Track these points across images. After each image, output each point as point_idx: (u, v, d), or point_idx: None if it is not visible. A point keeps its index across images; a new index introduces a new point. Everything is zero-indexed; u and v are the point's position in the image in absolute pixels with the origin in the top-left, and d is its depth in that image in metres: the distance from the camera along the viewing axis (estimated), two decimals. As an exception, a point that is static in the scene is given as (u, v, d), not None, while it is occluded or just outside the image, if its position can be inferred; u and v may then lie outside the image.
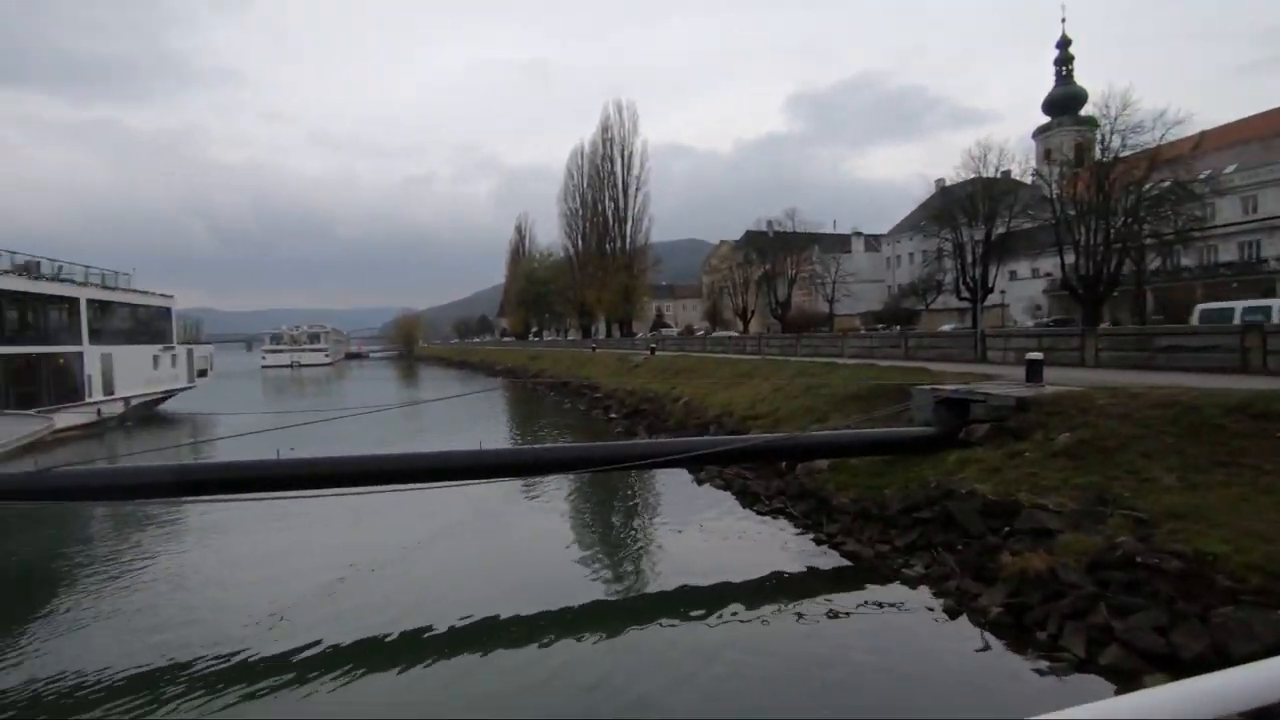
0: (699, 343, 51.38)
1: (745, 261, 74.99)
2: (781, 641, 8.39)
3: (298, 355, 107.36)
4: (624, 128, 71.99)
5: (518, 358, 79.64)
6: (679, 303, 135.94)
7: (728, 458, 13.46)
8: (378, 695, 7.23)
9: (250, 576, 10.95)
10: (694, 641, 8.37)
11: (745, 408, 21.79)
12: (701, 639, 8.43)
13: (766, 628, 8.67)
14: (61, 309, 31.12)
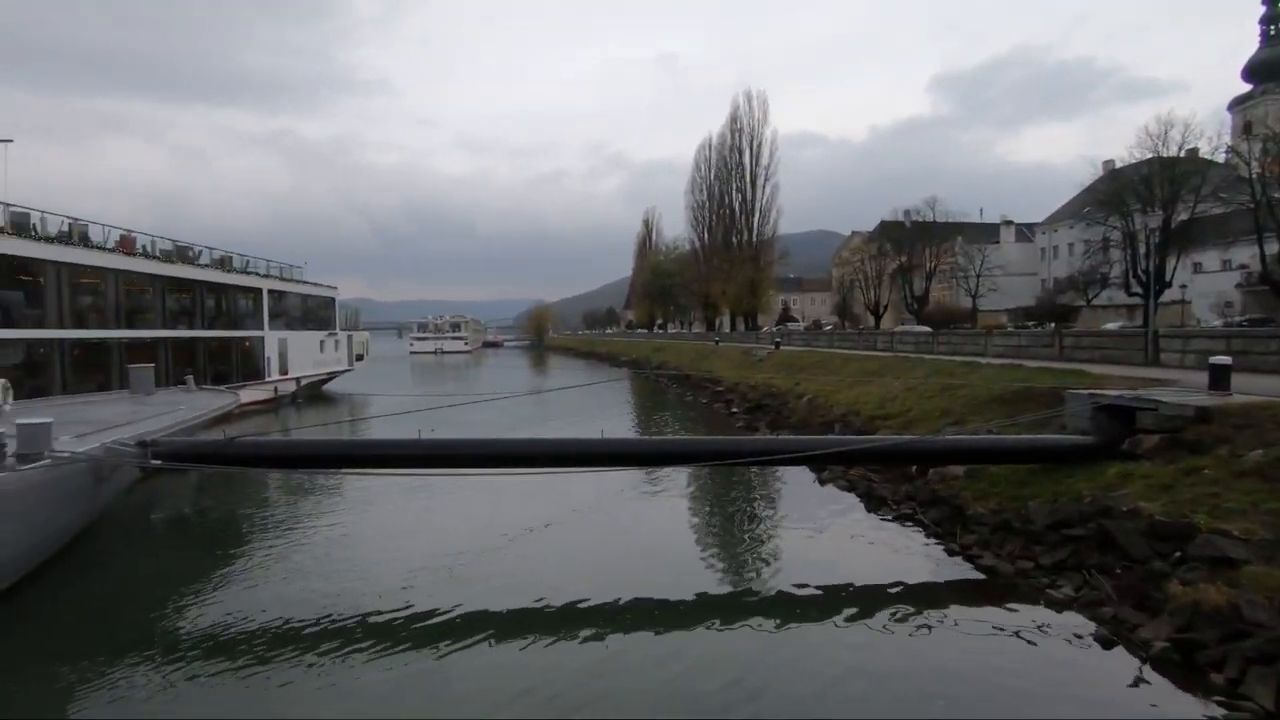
0: (826, 338, 49.69)
1: (879, 253, 71.40)
2: (905, 653, 7.96)
3: (441, 343, 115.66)
4: (754, 118, 70.84)
5: (642, 349, 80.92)
6: (806, 296, 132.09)
7: (853, 458, 12.94)
8: (489, 668, 7.64)
9: (390, 545, 11.93)
10: (808, 644, 8.15)
11: (874, 407, 20.83)
12: (816, 642, 8.18)
13: (888, 637, 8.26)
14: (248, 298, 35.44)
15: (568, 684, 7.23)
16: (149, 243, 29.54)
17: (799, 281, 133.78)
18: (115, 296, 26.08)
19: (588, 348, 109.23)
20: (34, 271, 22.46)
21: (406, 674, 7.40)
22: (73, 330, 23.71)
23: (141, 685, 7.11)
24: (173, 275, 29.71)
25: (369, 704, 6.87)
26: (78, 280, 24.30)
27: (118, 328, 25.91)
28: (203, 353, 30.60)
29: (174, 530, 14.13)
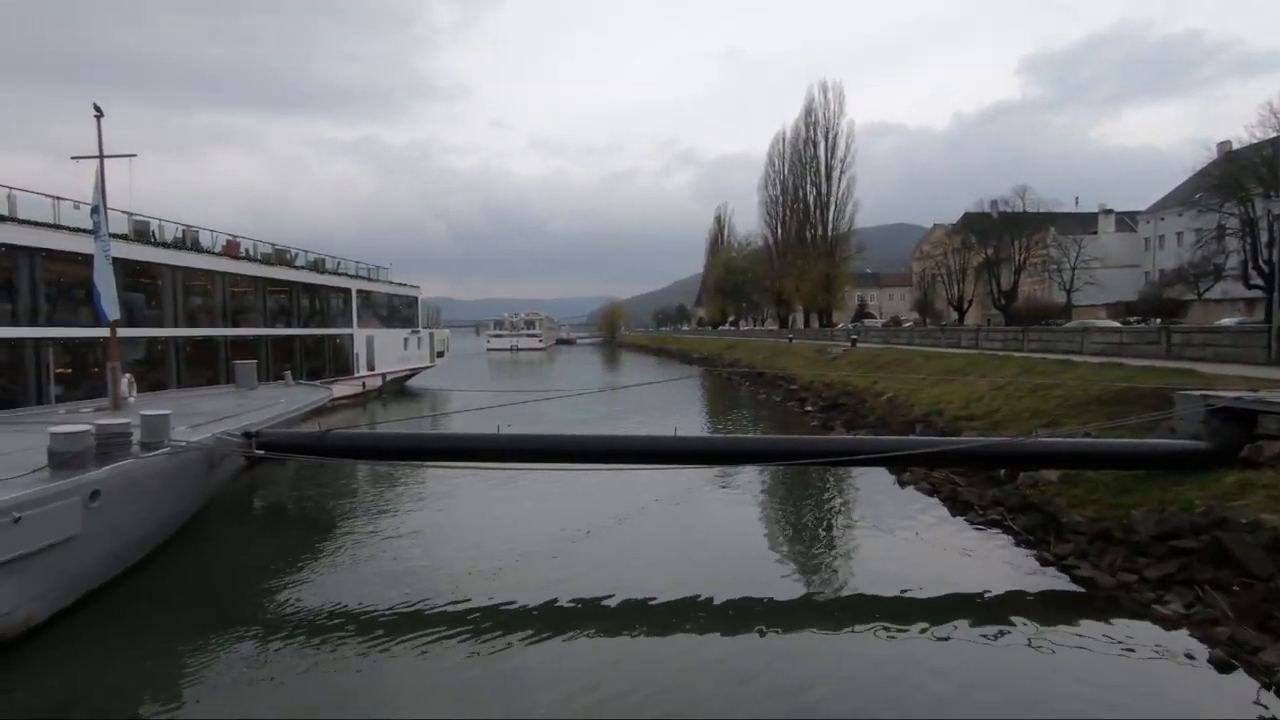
0: (906, 335, 47.94)
1: (963, 246, 68.21)
2: (992, 666, 7.61)
3: (516, 340, 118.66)
4: (829, 109, 69.10)
5: (713, 346, 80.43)
6: (884, 292, 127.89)
7: (936, 460, 12.45)
8: (559, 661, 7.78)
9: (468, 538, 12.35)
10: (884, 652, 7.90)
11: (958, 407, 19.96)
12: (892, 650, 7.92)
13: (973, 647, 7.91)
14: (339, 298, 37.44)
15: (635, 681, 7.28)
16: (251, 246, 31.66)
17: (876, 277, 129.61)
18: (222, 297, 28.10)
19: (659, 345, 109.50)
20: (153, 275, 24.48)
21: (479, 664, 7.62)
22: (186, 329, 25.71)
23: (243, 660, 7.64)
24: (272, 277, 31.73)
25: (442, 692, 7.14)
26: (190, 282, 26.32)
27: (224, 326, 27.91)
28: (299, 349, 32.54)
29: (273, 515, 15.10)
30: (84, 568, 8.66)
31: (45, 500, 7.79)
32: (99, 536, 8.69)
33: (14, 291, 19.13)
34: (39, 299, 19.66)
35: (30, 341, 18.97)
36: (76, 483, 8.31)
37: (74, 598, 8.58)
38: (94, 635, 8.20)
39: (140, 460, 9.63)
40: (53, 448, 8.81)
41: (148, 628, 8.62)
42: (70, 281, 20.43)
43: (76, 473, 8.54)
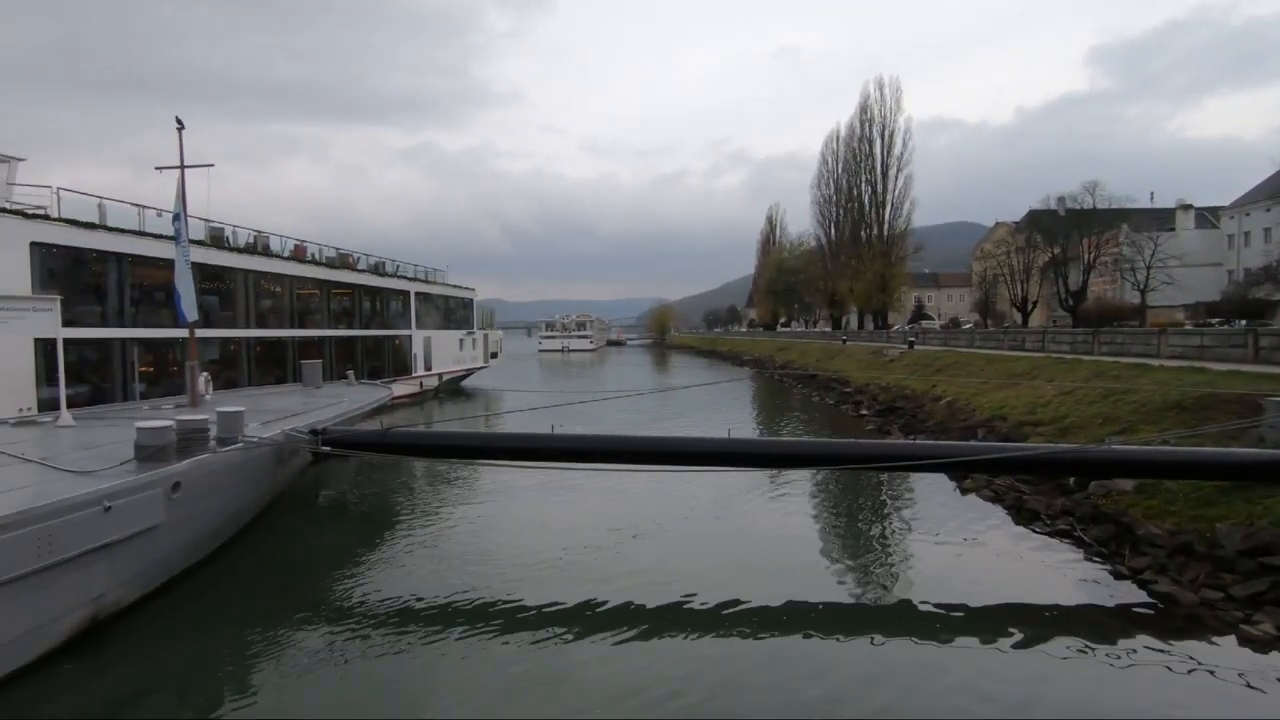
0: (966, 337, 46.41)
1: (1027, 245, 65.49)
2: (1063, 680, 7.27)
3: (567, 341, 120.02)
4: (885, 106, 67.46)
5: (765, 348, 79.56)
6: (943, 293, 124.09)
7: (1000, 467, 12.02)
8: (603, 660, 7.80)
9: (521, 535, 12.55)
10: (942, 664, 7.65)
11: (1023, 412, 19.22)
12: (950, 664, 7.67)
13: (1042, 660, 7.58)
14: (398, 300, 38.59)
15: (684, 683, 7.24)
16: (316, 251, 32.93)
17: (935, 277, 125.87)
18: (290, 300, 29.33)
19: (709, 346, 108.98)
20: (227, 279, 25.74)
21: (530, 661, 7.73)
22: (256, 330, 26.93)
23: (308, 646, 7.95)
24: (336, 280, 32.93)
25: (494, 687, 7.25)
26: (260, 285, 27.57)
27: (292, 328, 29.11)
28: (360, 350, 33.67)
29: (337, 509, 15.66)
30: (166, 555, 9.17)
31: (132, 491, 8.28)
32: (179, 526, 9.18)
33: (103, 295, 20.41)
34: (125, 302, 20.92)
35: (118, 341, 20.19)
36: (160, 475, 8.81)
37: (157, 583, 9.09)
38: (175, 619, 8.68)
39: (216, 455, 10.14)
40: (138, 442, 9.37)
41: (223, 613, 9.06)
42: (153, 285, 21.67)
43: (159, 466, 9.05)
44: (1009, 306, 69.49)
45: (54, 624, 7.37)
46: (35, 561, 6.94)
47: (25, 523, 6.89)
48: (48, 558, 7.07)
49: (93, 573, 7.77)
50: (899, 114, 67.15)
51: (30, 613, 7.03)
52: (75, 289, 19.10)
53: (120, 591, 8.30)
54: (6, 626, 6.79)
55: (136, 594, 8.66)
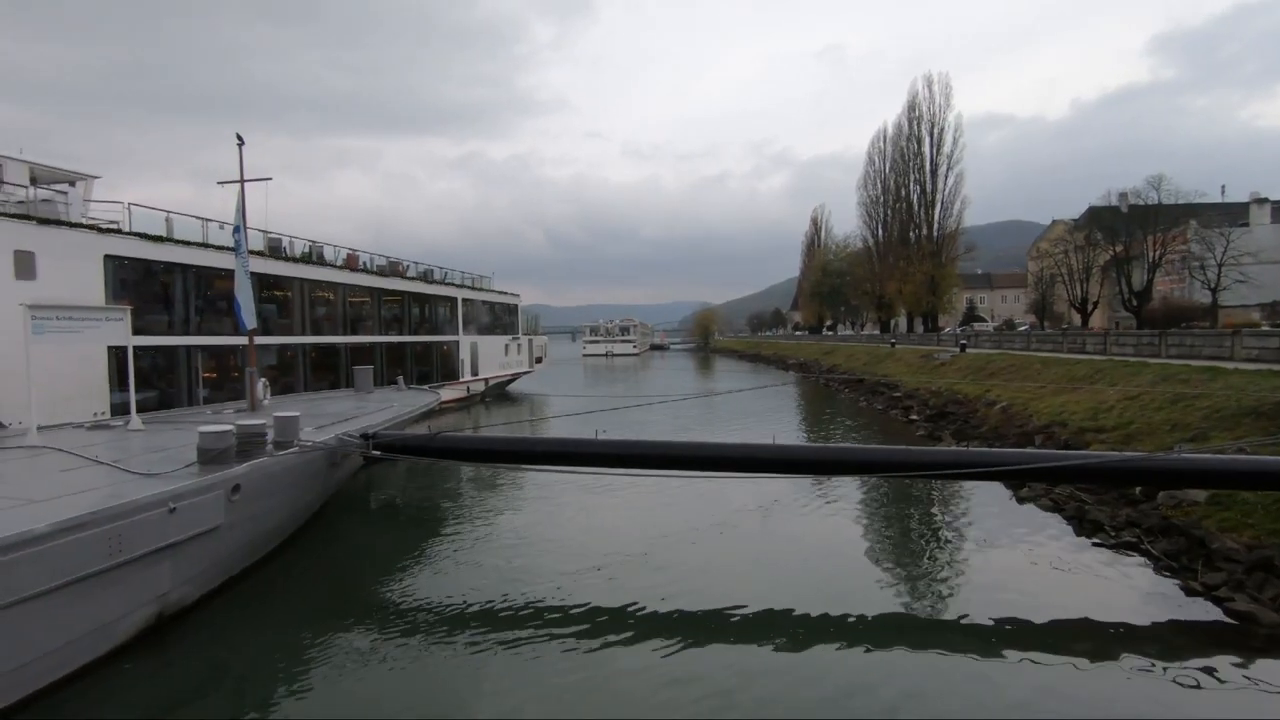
0: (1021, 339, 44.83)
1: (1087, 243, 62.93)
2: (1131, 700, 6.91)
3: (611, 345, 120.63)
4: (934, 103, 65.84)
5: (810, 352, 78.42)
6: (996, 294, 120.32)
7: (1059, 475, 11.51)
8: (645, 665, 7.73)
9: (564, 539, 12.61)
10: (1000, 675, 7.36)
11: (1084, 417, 18.44)
12: (1011, 674, 7.36)
13: (1107, 677, 7.22)
14: (445, 306, 39.37)
15: (725, 691, 7.16)
16: (368, 259, 33.87)
17: (988, 278, 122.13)
18: (343, 307, 30.22)
19: (753, 350, 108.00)
20: (284, 287, 26.68)
21: (571, 665, 7.75)
22: (311, 337, 27.83)
23: (359, 645, 8.14)
24: (386, 288, 33.80)
25: (535, 690, 7.28)
26: (315, 294, 28.49)
27: (344, 334, 29.99)
28: (410, 355, 34.46)
29: (387, 512, 16.03)
30: (226, 555, 9.52)
31: (195, 493, 8.63)
32: (239, 527, 9.52)
33: (170, 304, 21.40)
34: (190, 310, 21.89)
35: (183, 348, 21.13)
36: (221, 477, 9.15)
37: (218, 582, 9.45)
38: (235, 617, 9.00)
39: (273, 458, 10.49)
40: (201, 445, 9.76)
41: (280, 611, 9.35)
42: (215, 294, 22.61)
43: (221, 468, 9.41)
44: (1067, 307, 66.85)
45: (123, 620, 7.71)
46: (107, 560, 7.28)
47: (98, 522, 7.24)
48: (118, 556, 7.41)
49: (158, 571, 8.11)
50: (948, 111, 65.53)
51: (102, 609, 7.38)
52: (144, 299, 20.05)
53: (184, 590, 8.64)
54: (79, 622, 7.13)
55: (199, 593, 9.01)
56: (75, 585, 6.98)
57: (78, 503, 7.56)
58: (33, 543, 6.57)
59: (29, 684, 6.65)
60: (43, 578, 6.63)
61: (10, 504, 7.61)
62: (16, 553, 6.41)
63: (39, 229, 17.32)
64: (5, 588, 6.31)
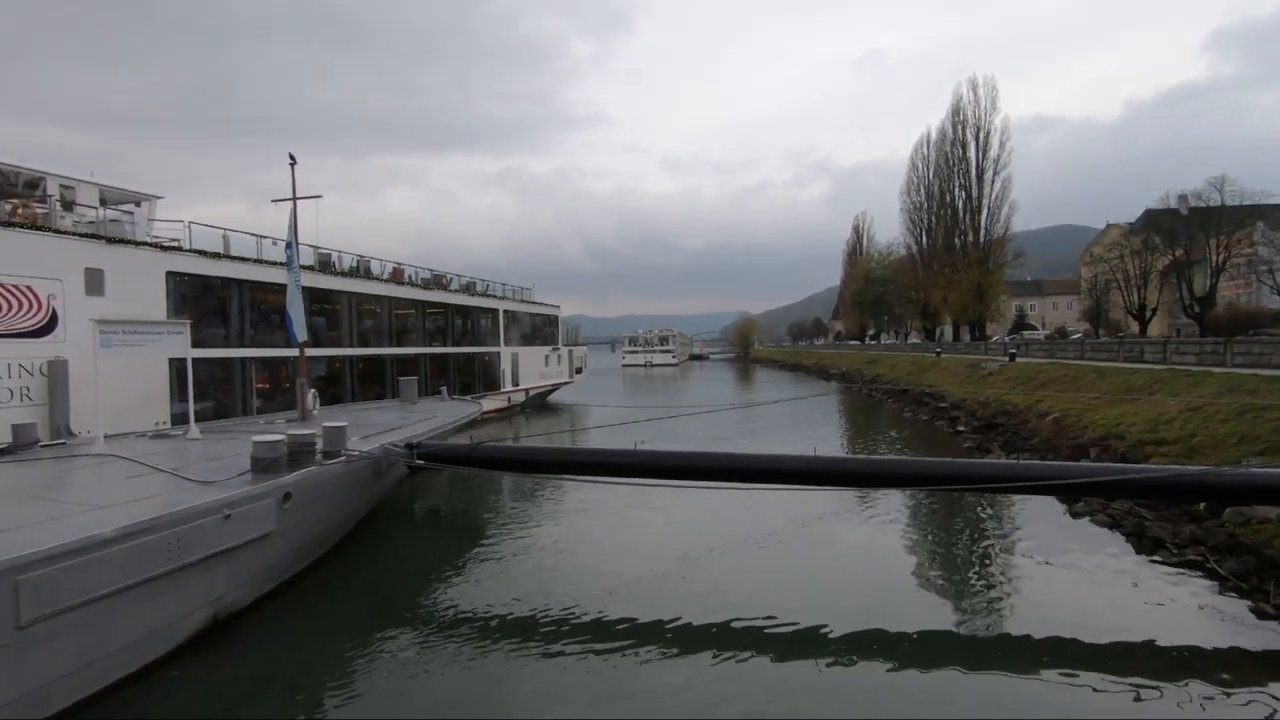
0: (1074, 348, 43.32)
1: (1145, 247, 60.56)
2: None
3: (650, 356, 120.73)
4: (979, 107, 64.49)
5: (852, 361, 77.16)
6: (1047, 301, 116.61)
7: (1117, 490, 11.05)
8: (684, 679, 7.66)
9: (603, 550, 12.63)
10: (1056, 697, 7.06)
11: (1143, 429, 17.70)
12: (1074, 701, 7.06)
13: (1170, 709, 6.86)
14: (487, 318, 40.03)
15: (760, 709, 7.05)
16: (413, 273, 34.70)
17: (1038, 285, 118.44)
18: (388, 319, 31.00)
19: (794, 360, 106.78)
20: (333, 300, 27.52)
21: (609, 676, 7.73)
22: (359, 349, 28.60)
23: (403, 651, 8.29)
24: (430, 300, 34.55)
25: (573, 701, 7.28)
26: (362, 307, 29.30)
27: (390, 346, 30.74)
28: (452, 366, 35.11)
29: (431, 521, 16.31)
30: (278, 561, 9.81)
31: (249, 500, 8.93)
32: (290, 534, 9.82)
33: (226, 317, 22.28)
34: (245, 324, 22.75)
35: (238, 360, 21.96)
36: (273, 485, 9.46)
37: (270, 587, 9.74)
38: (286, 620, 9.26)
39: (322, 467, 10.79)
40: (254, 454, 10.12)
41: (329, 616, 9.59)
42: (268, 308, 23.44)
43: (272, 477, 9.73)
44: (1124, 314, 64.35)
45: (181, 622, 8.02)
46: (167, 564, 7.59)
47: (159, 528, 7.56)
48: (177, 560, 7.72)
49: (215, 575, 8.42)
50: (994, 114, 64.09)
51: (163, 611, 7.69)
52: (203, 313, 20.93)
53: (237, 594, 8.94)
54: (141, 623, 7.44)
55: (251, 597, 9.30)
56: (139, 587, 7.29)
57: (141, 509, 7.91)
58: (100, 546, 6.90)
59: (97, 681, 6.97)
60: (109, 579, 6.95)
61: (80, 509, 8.00)
62: (86, 555, 6.73)
63: (108, 247, 18.26)
64: (76, 588, 6.63)
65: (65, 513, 7.86)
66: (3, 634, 6.09)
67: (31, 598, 6.26)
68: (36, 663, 6.39)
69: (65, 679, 6.65)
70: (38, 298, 16.45)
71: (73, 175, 19.99)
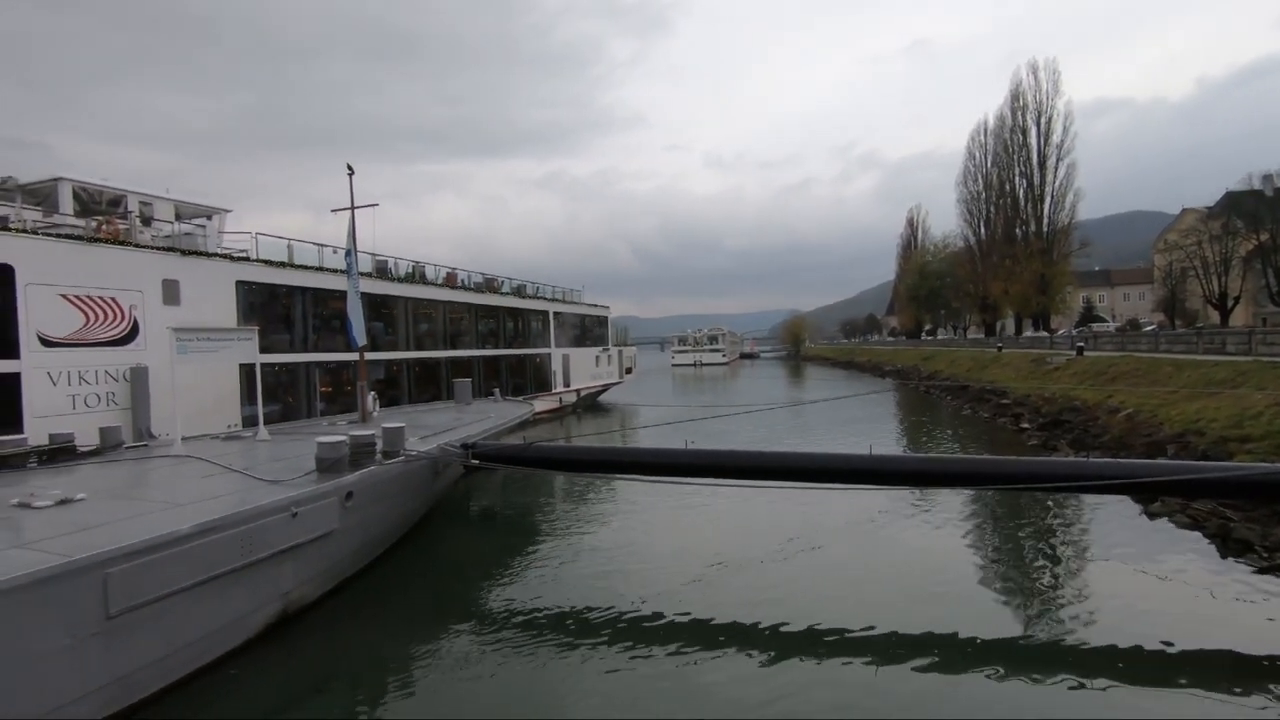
0: (1148, 340, 41.13)
1: (1225, 232, 57.08)
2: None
3: (699, 355, 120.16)
4: (1040, 91, 61.80)
5: (908, 358, 75.14)
6: (1117, 291, 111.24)
7: (1198, 489, 10.43)
8: (732, 679, 7.57)
9: (655, 549, 12.61)
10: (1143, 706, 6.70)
11: (1225, 425, 16.67)
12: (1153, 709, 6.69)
13: None
14: (538, 320, 40.58)
15: (813, 713, 6.90)
16: (465, 277, 35.47)
17: (1106, 274, 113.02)
18: (443, 323, 31.76)
19: (846, 357, 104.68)
20: (390, 306, 28.36)
21: (657, 676, 7.70)
22: (415, 352, 29.40)
23: (461, 647, 8.46)
24: (482, 303, 35.25)
25: (619, 701, 7.28)
26: (418, 311, 30.10)
27: (444, 349, 31.49)
28: (505, 368, 35.73)
29: (486, 520, 16.63)
30: (341, 557, 10.16)
31: (314, 499, 9.28)
32: (352, 531, 10.16)
33: (291, 324, 23.22)
34: (308, 330, 23.66)
35: (302, 365, 22.85)
36: (336, 485, 9.80)
37: (334, 583, 10.10)
38: (350, 615, 9.57)
39: (382, 467, 11.13)
40: (318, 455, 10.50)
41: (390, 612, 9.88)
42: (329, 314, 24.34)
43: (336, 476, 10.08)
44: (1202, 304, 60.85)
45: (253, 615, 8.39)
46: (239, 559, 7.96)
47: (232, 525, 7.93)
48: (249, 556, 8.08)
49: (283, 571, 8.77)
50: (1057, 98, 61.33)
51: (235, 604, 8.06)
52: (269, 320, 21.86)
53: (304, 589, 9.29)
54: (217, 616, 7.82)
55: (318, 592, 9.66)
56: (214, 581, 7.66)
57: (215, 507, 8.31)
58: (179, 541, 7.28)
59: (178, 669, 7.35)
60: (186, 574, 7.33)
61: (160, 507, 8.46)
62: (166, 550, 7.12)
63: (182, 259, 19.28)
64: (158, 581, 7.02)
65: (147, 510, 8.32)
66: (94, 623, 6.49)
67: (119, 589, 6.65)
68: (124, 651, 6.78)
69: (149, 667, 7.04)
70: (121, 308, 17.49)
71: (150, 192, 21.18)
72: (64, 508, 8.44)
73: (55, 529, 7.42)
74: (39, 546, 6.76)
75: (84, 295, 16.70)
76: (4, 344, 15.27)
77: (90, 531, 7.29)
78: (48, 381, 15.80)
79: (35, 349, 15.63)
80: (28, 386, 15.41)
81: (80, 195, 19.70)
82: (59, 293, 16.19)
